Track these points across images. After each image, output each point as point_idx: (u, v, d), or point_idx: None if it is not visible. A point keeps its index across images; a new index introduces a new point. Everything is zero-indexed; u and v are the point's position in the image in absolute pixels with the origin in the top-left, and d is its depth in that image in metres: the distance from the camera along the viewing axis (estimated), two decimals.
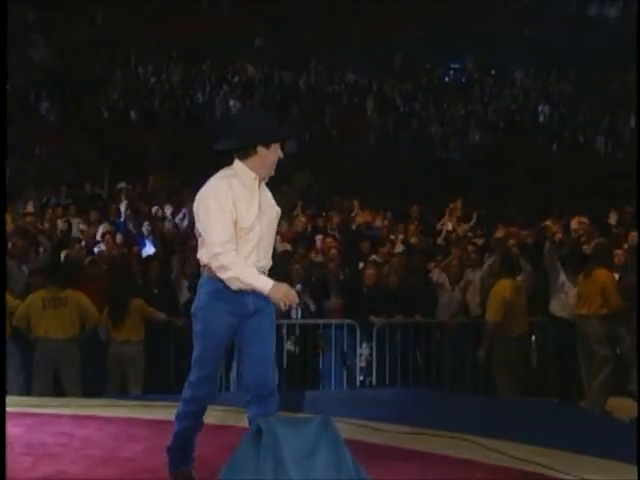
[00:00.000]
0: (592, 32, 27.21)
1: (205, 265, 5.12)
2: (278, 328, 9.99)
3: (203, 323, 5.19)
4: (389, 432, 6.98)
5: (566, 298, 10.21)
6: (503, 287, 9.98)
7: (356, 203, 16.49)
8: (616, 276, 10.68)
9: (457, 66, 28.84)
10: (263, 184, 5.27)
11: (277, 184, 18.05)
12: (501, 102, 27.25)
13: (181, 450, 5.27)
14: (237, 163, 5.19)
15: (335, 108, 26.02)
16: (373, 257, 11.97)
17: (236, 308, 5.11)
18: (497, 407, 8.57)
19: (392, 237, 13.69)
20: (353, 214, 15.97)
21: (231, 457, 4.33)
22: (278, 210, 5.40)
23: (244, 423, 5.35)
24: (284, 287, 5.05)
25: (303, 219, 14.58)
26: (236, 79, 27.05)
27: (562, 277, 10.34)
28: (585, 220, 13.48)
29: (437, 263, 11.65)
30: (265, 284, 5.02)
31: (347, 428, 6.72)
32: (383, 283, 10.83)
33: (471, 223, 13.91)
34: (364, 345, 10.52)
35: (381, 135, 25.06)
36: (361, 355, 10.51)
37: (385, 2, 27.22)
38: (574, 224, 13.57)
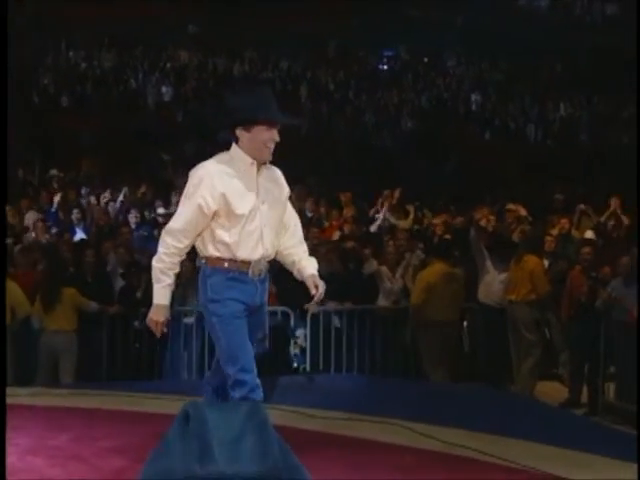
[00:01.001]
0: (522, 21, 27.51)
1: (206, 256, 4.95)
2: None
3: (219, 314, 4.91)
4: (322, 418, 7.02)
5: (491, 285, 10.32)
6: (428, 273, 10.09)
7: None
8: (546, 263, 10.86)
9: (390, 54, 28.97)
10: (267, 168, 5.03)
11: None
12: (434, 90, 27.44)
13: None
14: (233, 146, 4.96)
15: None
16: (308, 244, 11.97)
17: (246, 297, 4.94)
18: (427, 392, 8.67)
19: (326, 224, 13.75)
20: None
21: (159, 442, 4.32)
22: (284, 190, 5.16)
23: (175, 411, 5.33)
24: (161, 317, 4.95)
25: None
26: (169, 65, 26.88)
27: (488, 264, 10.45)
28: (514, 207, 13.66)
29: (372, 251, 11.70)
30: (155, 297, 4.94)
31: (280, 414, 6.75)
32: (318, 270, 10.84)
33: (411, 216, 13.98)
34: (298, 332, 10.56)
35: (315, 122, 25.08)
36: (295, 342, 10.55)
37: None
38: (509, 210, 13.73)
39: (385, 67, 28.95)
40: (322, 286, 5.12)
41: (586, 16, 29.00)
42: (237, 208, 4.82)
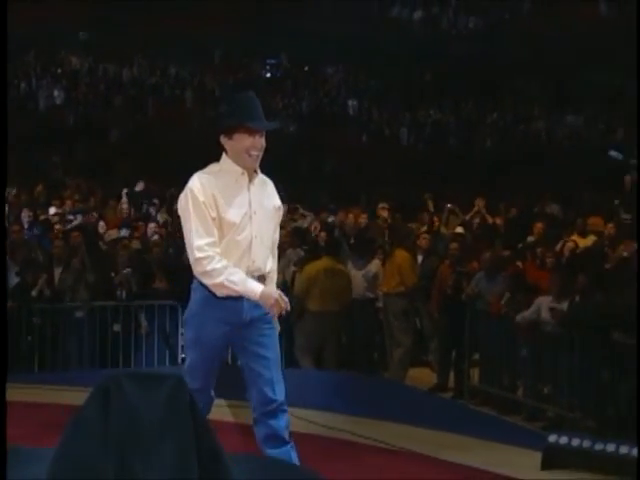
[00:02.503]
0: (395, 33, 27.86)
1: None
2: (102, 310, 9.99)
3: (195, 331, 4.51)
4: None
5: (355, 279, 10.44)
6: (311, 266, 10.15)
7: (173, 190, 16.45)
8: (420, 258, 11.02)
9: (273, 62, 29.01)
10: (260, 179, 4.61)
11: (100, 174, 17.68)
12: (314, 96, 27.59)
13: None
14: (223, 156, 4.58)
15: (157, 99, 25.77)
16: None
17: (230, 316, 4.44)
18: (307, 379, 8.76)
19: None
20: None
21: (73, 421, 4.03)
22: (276, 204, 4.69)
23: (62, 400, 5.26)
24: (275, 294, 4.40)
25: (126, 206, 14.43)
26: (60, 70, 26.38)
27: (348, 260, 10.62)
28: (387, 205, 13.88)
29: None
30: (254, 290, 4.36)
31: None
32: None
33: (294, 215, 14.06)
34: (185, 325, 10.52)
35: (202, 125, 24.96)
36: (182, 334, 10.51)
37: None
38: (380, 210, 13.95)
39: (268, 74, 28.99)
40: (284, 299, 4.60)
41: (452, 29, 29.53)
42: (228, 216, 4.41)
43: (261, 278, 4.51)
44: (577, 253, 10.56)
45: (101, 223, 12.83)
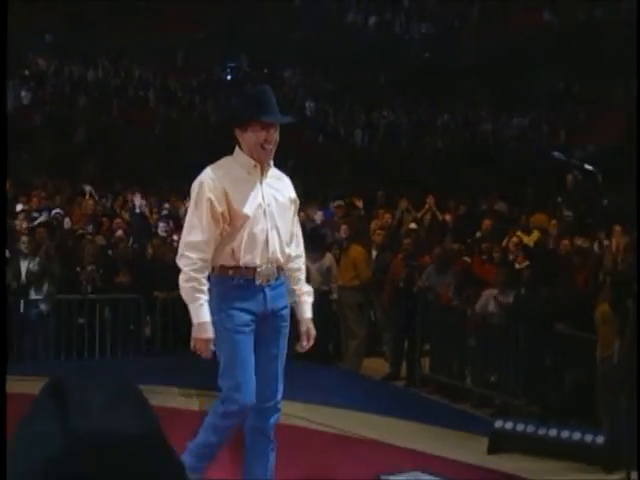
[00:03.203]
0: (350, 37, 27.89)
1: (212, 265, 4.31)
2: (68, 303, 9.90)
3: (222, 326, 4.25)
4: (166, 394, 7.01)
5: (309, 272, 10.45)
6: None
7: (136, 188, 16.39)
8: (374, 253, 11.04)
9: (233, 65, 28.92)
10: (273, 172, 4.46)
11: (66, 170, 17.50)
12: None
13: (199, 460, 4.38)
14: (236, 149, 4.42)
15: (121, 100, 25.59)
16: (158, 236, 11.96)
17: (252, 306, 4.27)
18: None
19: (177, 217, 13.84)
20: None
21: (25, 416, 4.05)
22: (291, 196, 4.50)
23: (29, 391, 5.21)
24: (206, 335, 4.19)
25: (91, 202, 14.31)
26: (27, 72, 26.10)
27: None
28: (341, 203, 13.91)
29: None
30: (197, 316, 4.20)
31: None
32: (167, 260, 10.83)
33: None
34: (148, 317, 10.51)
35: (165, 125, 24.83)
36: (146, 326, 10.48)
37: (167, 3, 27.00)
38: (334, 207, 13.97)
39: (229, 77, 28.90)
40: (313, 337, 4.58)
41: (405, 34, 29.62)
42: (240, 209, 4.23)
43: (279, 268, 4.36)
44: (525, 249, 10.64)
45: (67, 219, 12.74)
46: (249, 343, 4.28)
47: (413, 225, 13.11)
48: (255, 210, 4.26)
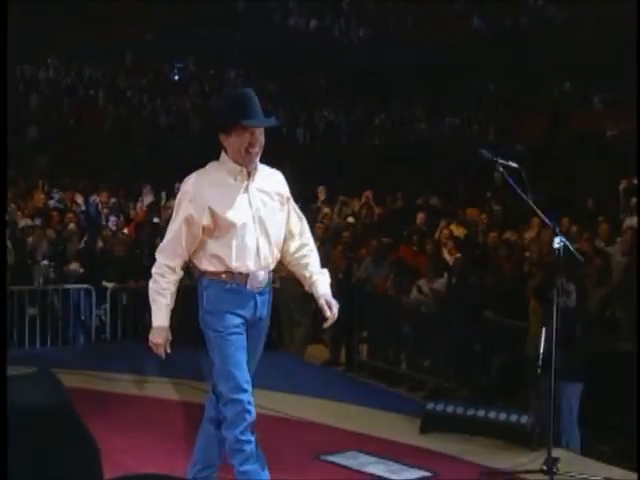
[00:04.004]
0: (292, 39, 27.86)
1: (201, 270, 4.14)
2: (20, 295, 9.76)
3: (215, 328, 4.06)
4: (117, 380, 6.97)
5: None
6: None
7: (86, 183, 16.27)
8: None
9: (180, 66, 28.71)
10: (261, 174, 4.18)
11: (18, 167, 17.14)
12: (218, 96, 27.37)
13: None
14: (222, 154, 4.13)
15: (72, 99, 25.26)
16: (108, 230, 11.88)
17: (244, 310, 4.09)
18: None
19: (135, 212, 13.83)
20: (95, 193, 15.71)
21: None
22: (282, 193, 4.26)
23: None
24: (159, 339, 4.08)
25: (42, 196, 14.16)
26: None
27: None
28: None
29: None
30: (157, 319, 4.09)
31: (79, 378, 6.66)
32: (115, 252, 10.77)
33: None
34: (99, 307, 10.43)
35: (115, 123, 24.56)
36: (97, 316, 10.39)
37: (115, 4, 26.71)
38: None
39: (177, 77, 28.68)
40: (335, 306, 4.30)
41: (344, 37, 29.67)
42: (227, 218, 3.99)
43: (269, 273, 4.19)
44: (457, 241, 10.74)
45: (19, 213, 12.59)
46: (242, 344, 4.09)
47: (350, 219, 13.16)
48: (244, 218, 4.04)
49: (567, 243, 5.34)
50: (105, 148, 22.09)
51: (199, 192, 4.01)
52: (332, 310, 4.26)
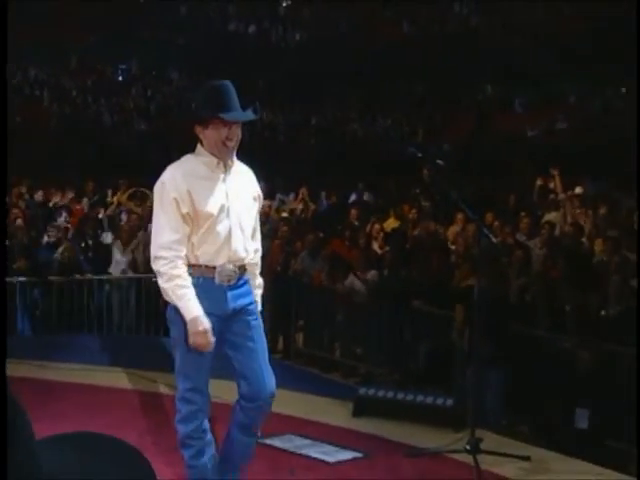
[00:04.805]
0: (232, 44, 27.72)
1: None
2: None
3: (179, 327, 3.78)
4: (63, 369, 6.88)
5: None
6: None
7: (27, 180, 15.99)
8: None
9: (124, 67, 28.37)
10: (236, 169, 3.98)
11: None
12: (161, 98, 27.14)
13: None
14: (197, 147, 3.92)
15: (19, 98, 24.78)
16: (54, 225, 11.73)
17: (214, 307, 3.80)
18: (152, 345, 8.67)
19: (77, 207, 13.65)
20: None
21: None
22: (255, 193, 4.05)
23: None
24: (206, 325, 3.73)
25: None
26: None
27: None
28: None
29: (112, 229, 11.71)
30: (190, 311, 3.72)
31: (29, 369, 6.55)
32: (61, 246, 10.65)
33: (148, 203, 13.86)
34: (43, 300, 10.27)
35: (60, 122, 24.19)
36: (42, 308, 10.24)
37: (61, 7, 26.28)
38: None
39: (120, 78, 28.34)
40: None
41: (282, 42, 29.64)
42: (204, 208, 3.77)
43: (242, 268, 3.91)
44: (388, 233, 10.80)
45: None
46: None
47: (285, 214, 13.18)
48: (219, 209, 3.80)
49: (490, 235, 5.42)
50: (51, 146, 21.74)
51: (178, 182, 3.79)
52: None
